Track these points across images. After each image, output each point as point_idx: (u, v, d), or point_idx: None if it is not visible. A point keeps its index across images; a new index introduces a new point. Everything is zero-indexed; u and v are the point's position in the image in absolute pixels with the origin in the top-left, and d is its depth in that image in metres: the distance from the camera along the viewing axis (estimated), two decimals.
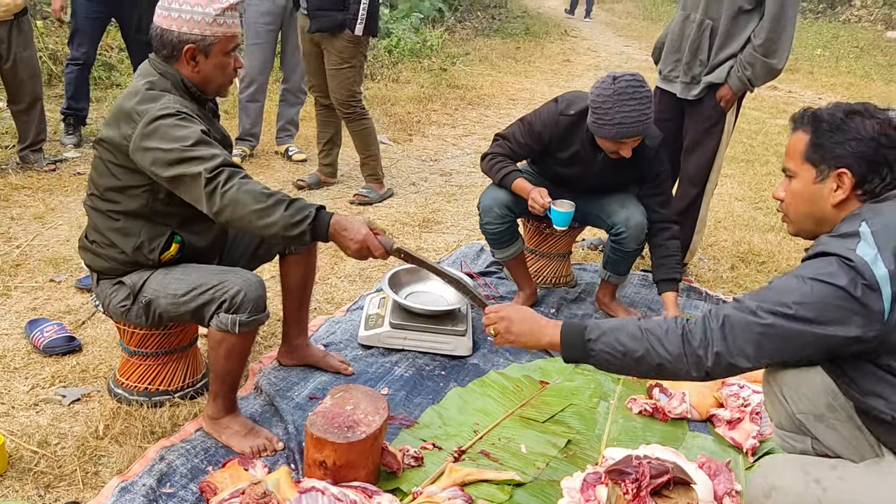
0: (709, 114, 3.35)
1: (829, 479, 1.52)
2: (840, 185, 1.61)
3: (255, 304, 2.13)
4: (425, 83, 7.70)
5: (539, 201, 2.87)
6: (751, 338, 1.52)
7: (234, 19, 2.15)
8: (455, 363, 2.86)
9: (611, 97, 2.67)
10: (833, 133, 1.61)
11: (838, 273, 1.48)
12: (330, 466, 2.07)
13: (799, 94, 8.69)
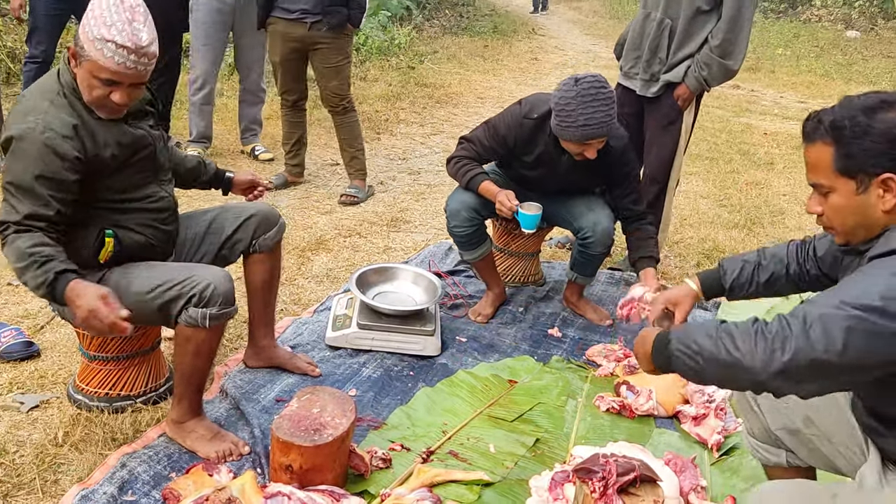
0: (666, 112, 3.39)
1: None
2: (888, 190, 1.45)
3: (224, 298, 2.11)
4: (393, 81, 7.67)
5: (507, 204, 2.86)
6: (839, 327, 1.32)
7: (120, 58, 1.96)
8: (423, 363, 2.85)
9: (574, 99, 2.68)
10: (860, 139, 1.45)
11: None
12: (296, 470, 2.04)
13: (761, 92, 8.81)
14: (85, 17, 2.00)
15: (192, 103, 4.74)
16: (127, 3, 1.99)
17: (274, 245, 2.53)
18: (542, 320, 3.25)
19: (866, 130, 1.44)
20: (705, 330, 1.48)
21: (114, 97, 2.03)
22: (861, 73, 10.05)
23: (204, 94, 4.71)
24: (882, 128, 1.43)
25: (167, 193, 2.31)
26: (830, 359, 1.33)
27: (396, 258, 3.73)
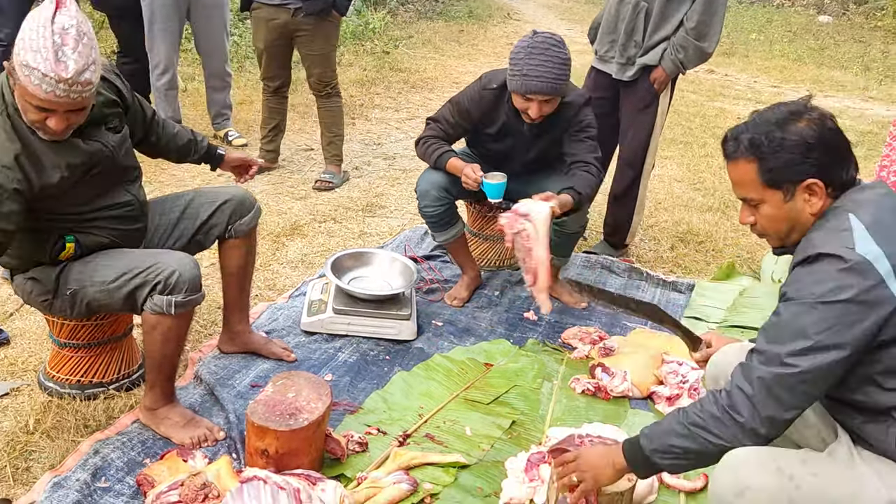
0: (643, 95, 3.40)
1: (801, 475, 1.51)
2: (813, 194, 1.57)
3: (190, 284, 2.08)
4: (368, 66, 7.60)
5: (472, 176, 2.87)
6: (796, 389, 1.48)
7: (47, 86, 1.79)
8: (399, 347, 2.85)
9: (524, 49, 2.71)
10: (779, 152, 1.55)
11: (843, 284, 1.45)
12: (272, 455, 2.04)
13: (735, 77, 8.87)
14: (19, 36, 1.82)
15: (157, 89, 4.65)
16: (58, 25, 1.79)
17: (250, 230, 2.51)
18: (517, 304, 3.26)
19: (782, 143, 1.55)
20: (674, 431, 1.59)
21: (49, 123, 1.88)
22: (833, 57, 10.15)
23: (167, 79, 4.62)
24: (796, 139, 1.54)
25: (132, 195, 2.24)
26: (802, 405, 1.51)
27: (372, 243, 3.72)
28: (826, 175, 1.56)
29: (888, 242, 1.47)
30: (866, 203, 1.55)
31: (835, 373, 1.49)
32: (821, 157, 1.55)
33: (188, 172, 4.44)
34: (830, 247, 1.49)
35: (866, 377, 1.52)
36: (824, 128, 1.56)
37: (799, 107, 1.59)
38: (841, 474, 1.52)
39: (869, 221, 1.50)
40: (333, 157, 4.50)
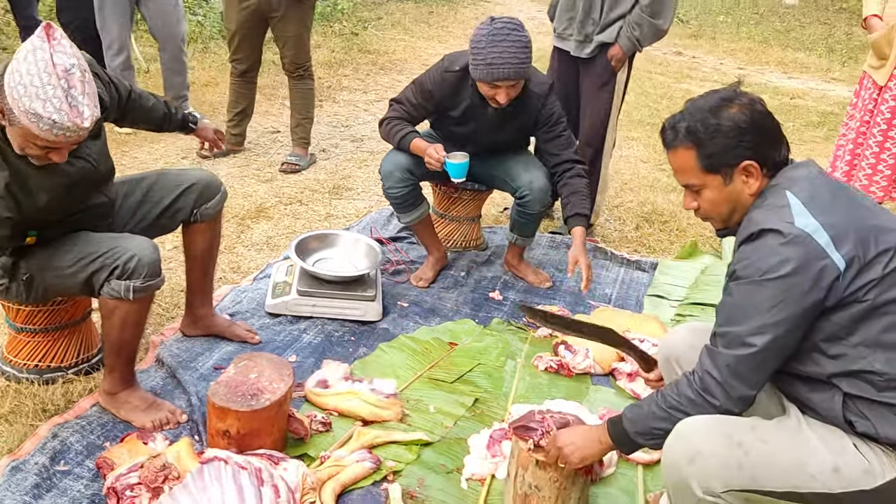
0: (600, 72, 3.43)
1: (750, 441, 1.56)
2: (750, 175, 1.63)
3: (149, 269, 2.06)
4: (336, 48, 7.55)
5: (434, 156, 2.87)
6: (756, 367, 1.55)
7: (58, 131, 1.76)
8: (365, 328, 2.85)
9: (485, 37, 2.70)
10: (715, 139, 1.61)
11: (786, 257, 1.50)
12: (234, 435, 2.04)
13: (702, 59, 8.94)
14: (10, 76, 1.74)
15: (112, 69, 4.57)
16: (60, 67, 1.73)
17: (215, 214, 2.48)
18: (483, 284, 3.28)
19: (717, 129, 1.61)
20: (654, 415, 1.65)
21: (53, 157, 1.86)
22: (798, 39, 10.28)
23: (122, 59, 4.52)
24: (730, 124, 1.60)
25: (106, 196, 2.22)
26: (767, 378, 1.58)
27: (338, 225, 3.71)
28: (760, 156, 1.62)
29: (824, 214, 1.53)
30: (800, 180, 1.60)
31: (791, 344, 1.55)
32: (754, 139, 1.61)
33: (151, 155, 4.39)
34: (771, 222, 1.54)
35: (811, 346, 1.57)
36: (755, 111, 1.62)
37: (730, 93, 1.65)
38: (789, 441, 1.56)
39: (805, 197, 1.56)
40: (301, 140, 4.47)
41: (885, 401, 1.51)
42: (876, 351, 1.51)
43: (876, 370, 1.51)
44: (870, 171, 3.68)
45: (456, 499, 2.09)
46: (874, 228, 1.54)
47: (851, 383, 1.53)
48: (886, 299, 1.50)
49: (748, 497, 1.57)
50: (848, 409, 1.54)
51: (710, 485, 1.54)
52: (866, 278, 1.50)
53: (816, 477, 1.52)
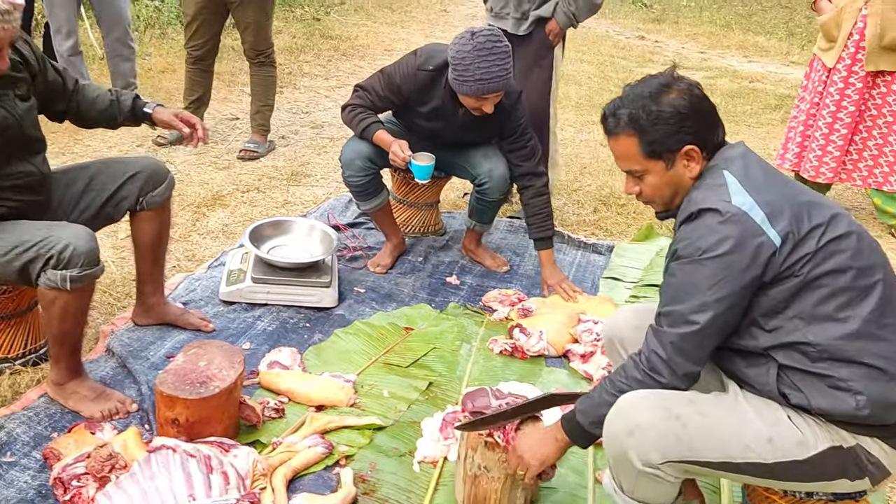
0: (537, 48, 3.45)
1: (688, 414, 1.58)
2: (692, 159, 1.65)
3: (86, 258, 2.02)
4: (297, 34, 7.48)
5: (400, 155, 2.85)
6: (700, 343, 1.59)
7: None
8: (321, 315, 2.85)
9: (470, 53, 2.66)
10: (656, 125, 1.63)
11: (724, 235, 1.53)
12: (183, 423, 2.03)
13: (665, 43, 9.01)
14: None
15: (60, 55, 4.48)
16: None
17: (163, 202, 2.45)
18: (440, 269, 3.29)
19: (658, 115, 1.63)
20: (605, 402, 1.66)
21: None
22: (759, 23, 10.38)
23: (70, 44, 4.44)
24: (670, 110, 1.63)
25: (35, 167, 2.17)
26: (709, 354, 1.62)
27: (296, 212, 3.69)
28: (701, 140, 1.65)
29: (759, 192, 1.57)
30: (735, 159, 1.64)
31: (732, 320, 1.59)
32: (694, 124, 1.64)
33: (105, 143, 4.32)
34: (709, 202, 1.57)
35: (749, 320, 1.61)
36: (693, 96, 1.65)
37: (668, 79, 1.67)
38: (725, 413, 1.60)
39: (741, 176, 1.60)
40: (260, 127, 4.43)
41: (817, 371, 1.55)
42: (810, 323, 1.55)
43: (809, 341, 1.55)
44: (819, 152, 3.75)
45: (407, 481, 2.11)
46: (806, 204, 1.59)
47: (786, 354, 1.57)
48: (820, 272, 1.54)
49: (687, 469, 1.60)
50: (782, 381, 1.58)
51: (649, 456, 1.57)
52: (801, 253, 1.54)
53: (751, 447, 1.56)
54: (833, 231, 1.56)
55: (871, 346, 1.53)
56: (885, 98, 3.60)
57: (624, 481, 1.65)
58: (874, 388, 1.52)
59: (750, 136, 5.49)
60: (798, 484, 1.61)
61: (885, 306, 1.55)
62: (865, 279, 1.55)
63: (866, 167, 3.73)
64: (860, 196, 4.28)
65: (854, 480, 1.58)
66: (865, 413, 1.52)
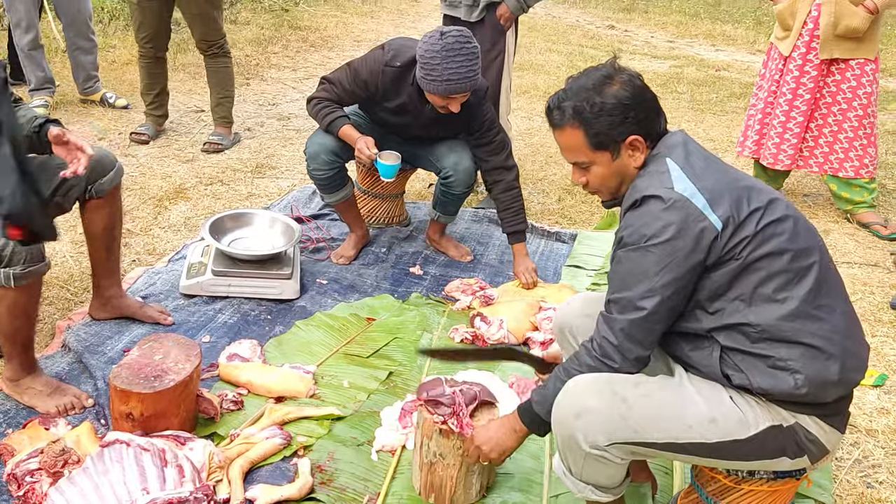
0: (490, 34, 3.48)
1: (633, 396, 1.62)
2: (636, 149, 1.68)
3: (29, 255, 2.00)
4: (266, 25, 7.42)
5: (365, 153, 2.85)
6: (649, 329, 1.62)
7: None
8: (282, 307, 2.85)
9: (439, 53, 2.66)
10: (601, 117, 1.65)
11: (668, 222, 1.56)
12: (138, 418, 2.03)
13: (634, 32, 9.06)
14: None
15: (20, 49, 4.41)
16: None
17: (112, 189, 2.43)
18: (404, 259, 3.30)
19: (602, 108, 1.65)
20: (559, 390, 1.68)
21: None
22: (727, 12, 10.47)
23: (30, 38, 4.37)
24: (614, 102, 1.65)
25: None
26: (658, 338, 1.65)
27: (260, 205, 3.67)
28: (644, 130, 1.68)
29: (700, 179, 1.60)
30: (676, 146, 1.67)
31: (679, 304, 1.62)
32: (638, 114, 1.67)
33: None
34: (652, 189, 1.61)
35: (694, 304, 1.64)
36: (635, 87, 1.68)
37: (609, 70, 1.70)
38: (670, 395, 1.64)
39: (682, 163, 1.63)
40: (222, 119, 4.40)
41: (757, 352, 1.58)
42: (750, 304, 1.59)
43: (750, 322, 1.58)
44: (777, 139, 3.80)
45: (365, 470, 2.13)
46: (745, 189, 1.62)
47: (728, 336, 1.61)
48: (759, 255, 1.58)
49: (633, 450, 1.64)
50: (724, 363, 1.62)
51: (596, 438, 1.60)
52: (740, 236, 1.57)
53: (694, 427, 1.60)
54: (771, 215, 1.60)
55: (808, 326, 1.57)
56: (839, 85, 3.65)
57: (572, 464, 1.68)
58: (812, 367, 1.56)
59: (715, 125, 5.56)
60: (740, 463, 1.65)
61: (820, 287, 1.59)
62: (802, 261, 1.59)
63: (822, 154, 3.79)
64: (817, 182, 4.35)
65: (794, 458, 1.62)
66: (804, 392, 1.56)
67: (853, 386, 1.64)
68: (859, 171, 3.75)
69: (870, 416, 2.53)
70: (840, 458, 2.33)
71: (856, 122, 3.67)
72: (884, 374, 2.71)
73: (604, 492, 1.69)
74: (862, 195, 3.83)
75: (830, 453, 1.66)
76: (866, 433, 2.44)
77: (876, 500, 2.18)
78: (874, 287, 3.32)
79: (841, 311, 1.61)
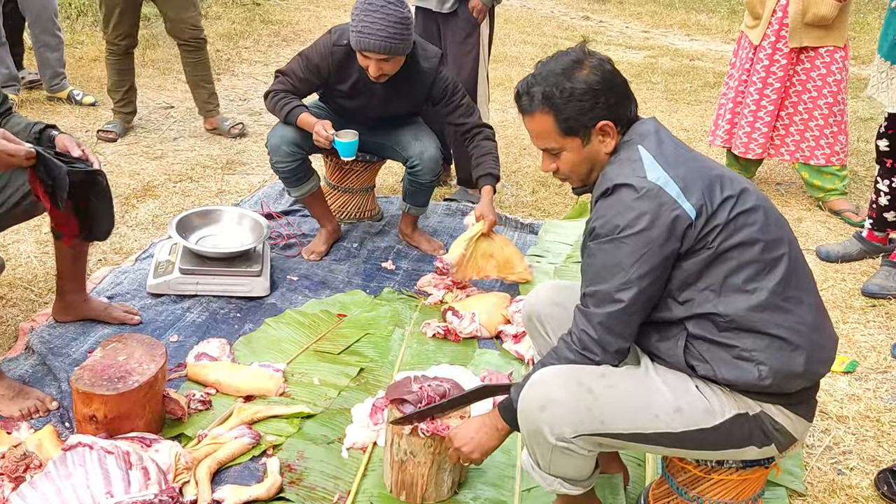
0: (463, 25, 3.47)
1: (599, 387, 1.61)
2: (607, 135, 1.67)
3: None
4: (237, 19, 7.32)
5: (323, 134, 2.83)
6: (627, 320, 1.61)
7: None
8: (252, 304, 2.81)
9: (360, 5, 2.70)
10: (570, 102, 1.63)
11: (641, 211, 1.55)
12: (101, 420, 1.99)
13: (609, 23, 9.05)
14: None
15: None
16: None
17: None
18: (376, 254, 3.27)
19: (572, 93, 1.63)
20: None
21: None
22: (702, 1, 10.48)
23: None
24: (584, 87, 1.63)
25: None
26: (637, 328, 1.63)
27: (230, 201, 3.62)
28: (615, 115, 1.66)
29: (672, 167, 1.59)
30: (648, 134, 1.66)
31: (656, 294, 1.61)
32: (608, 99, 1.65)
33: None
34: (624, 177, 1.59)
35: (665, 293, 1.63)
36: (605, 71, 1.65)
37: (579, 54, 1.67)
38: (635, 385, 1.63)
39: (654, 151, 1.62)
40: (216, 109, 4.42)
41: (723, 342, 1.58)
42: (720, 294, 1.58)
43: (719, 312, 1.58)
44: (748, 128, 3.81)
45: (335, 468, 2.10)
46: (718, 177, 1.62)
47: (696, 324, 1.60)
48: (730, 245, 1.57)
49: (600, 442, 1.63)
50: (689, 353, 1.61)
51: (562, 430, 1.59)
52: (713, 224, 1.56)
53: (660, 417, 1.59)
54: (743, 204, 1.59)
55: (775, 318, 1.57)
56: (808, 73, 3.67)
57: (540, 457, 1.67)
58: (777, 359, 1.56)
59: (689, 114, 5.57)
60: (708, 452, 1.65)
61: (790, 279, 1.59)
62: (772, 252, 1.58)
63: (793, 142, 3.80)
64: (790, 170, 4.37)
65: (761, 447, 1.62)
66: (767, 383, 1.55)
67: (818, 378, 1.64)
68: (830, 158, 3.77)
69: (841, 403, 2.54)
70: (811, 445, 2.34)
71: (826, 110, 3.69)
72: (855, 361, 2.73)
73: (573, 484, 1.68)
74: (833, 182, 3.86)
75: (799, 441, 1.67)
76: (837, 420, 2.46)
77: (847, 486, 2.19)
78: (846, 274, 3.34)
79: (809, 303, 1.61)
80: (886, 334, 2.92)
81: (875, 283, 3.15)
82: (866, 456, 2.31)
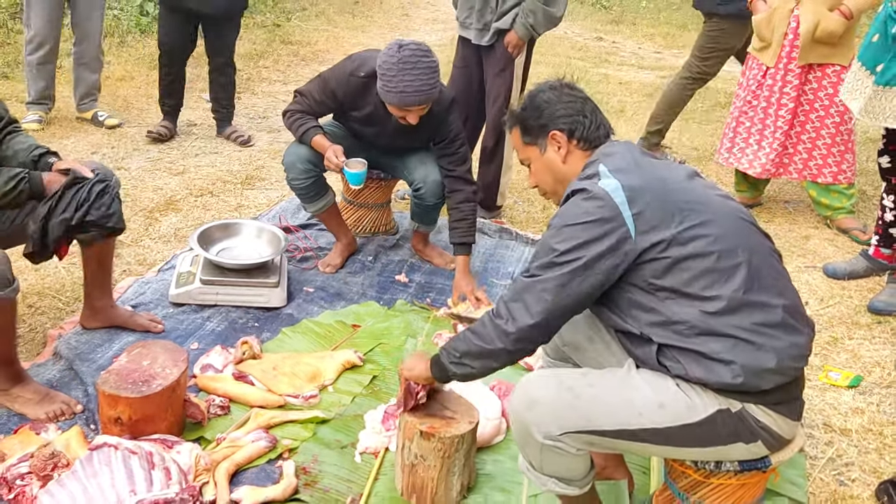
0: (499, 58, 3.55)
1: (580, 386, 1.70)
2: (557, 144, 1.86)
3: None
4: (258, 40, 7.49)
5: (333, 161, 2.93)
6: (540, 297, 1.67)
7: None
8: (269, 314, 2.90)
9: (395, 65, 2.74)
10: (527, 111, 1.89)
11: (586, 209, 1.67)
12: (126, 422, 2.08)
13: (622, 43, 9.16)
14: None
15: (29, 63, 4.49)
16: None
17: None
18: (389, 267, 3.36)
19: (533, 106, 1.90)
20: (458, 337, 1.83)
21: None
22: None
23: (42, 53, 4.45)
24: (540, 101, 1.89)
25: None
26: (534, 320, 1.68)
27: (249, 215, 3.73)
28: (567, 127, 1.84)
29: (625, 177, 1.70)
30: (614, 154, 1.80)
31: (575, 290, 1.67)
32: (560, 112, 1.85)
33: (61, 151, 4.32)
34: (580, 185, 1.73)
35: (627, 303, 1.71)
36: (564, 92, 1.88)
37: (553, 81, 1.93)
38: (616, 383, 1.72)
39: (613, 166, 1.74)
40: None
41: (690, 347, 1.65)
42: (681, 303, 1.65)
43: (682, 320, 1.65)
44: (756, 147, 3.88)
45: (349, 471, 2.18)
46: (672, 192, 1.71)
47: (663, 334, 1.67)
48: (683, 255, 1.64)
49: (589, 440, 1.70)
50: (663, 355, 1.68)
51: (549, 429, 1.67)
52: (660, 236, 1.65)
53: (644, 414, 1.66)
54: (693, 219, 1.66)
55: (736, 320, 1.63)
56: (816, 93, 3.73)
57: (532, 457, 1.75)
58: (744, 357, 1.62)
59: (699, 133, 5.64)
60: (698, 450, 1.70)
61: (751, 284, 1.65)
62: (729, 261, 1.65)
63: (801, 160, 3.86)
64: (798, 189, 4.42)
65: (749, 444, 1.67)
66: (740, 381, 1.61)
67: (794, 374, 1.68)
68: (837, 176, 3.82)
69: (844, 416, 2.59)
70: (814, 456, 2.39)
71: (833, 129, 3.75)
72: (859, 376, 2.77)
73: (567, 484, 1.76)
74: (841, 201, 3.91)
75: (792, 443, 1.72)
76: (840, 433, 2.50)
77: (848, 496, 2.24)
78: (852, 291, 3.38)
79: (775, 305, 1.66)
80: (892, 350, 2.96)
81: (881, 299, 3.20)
82: (868, 468, 2.36)
